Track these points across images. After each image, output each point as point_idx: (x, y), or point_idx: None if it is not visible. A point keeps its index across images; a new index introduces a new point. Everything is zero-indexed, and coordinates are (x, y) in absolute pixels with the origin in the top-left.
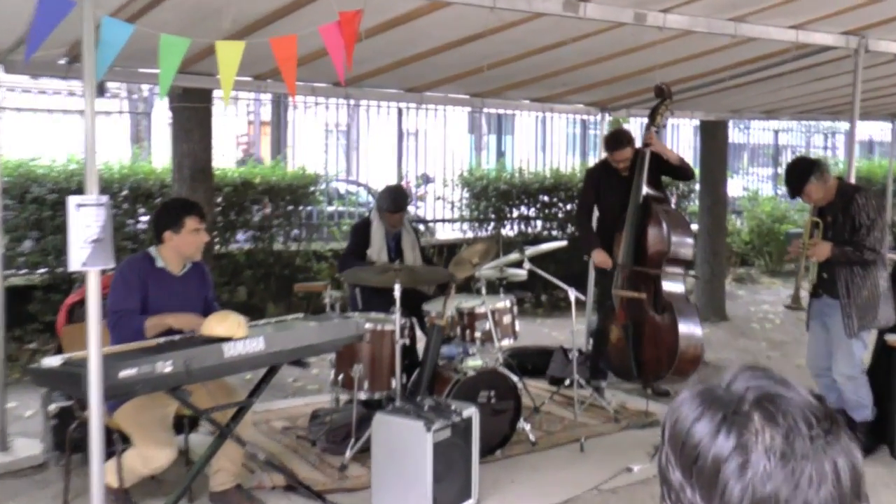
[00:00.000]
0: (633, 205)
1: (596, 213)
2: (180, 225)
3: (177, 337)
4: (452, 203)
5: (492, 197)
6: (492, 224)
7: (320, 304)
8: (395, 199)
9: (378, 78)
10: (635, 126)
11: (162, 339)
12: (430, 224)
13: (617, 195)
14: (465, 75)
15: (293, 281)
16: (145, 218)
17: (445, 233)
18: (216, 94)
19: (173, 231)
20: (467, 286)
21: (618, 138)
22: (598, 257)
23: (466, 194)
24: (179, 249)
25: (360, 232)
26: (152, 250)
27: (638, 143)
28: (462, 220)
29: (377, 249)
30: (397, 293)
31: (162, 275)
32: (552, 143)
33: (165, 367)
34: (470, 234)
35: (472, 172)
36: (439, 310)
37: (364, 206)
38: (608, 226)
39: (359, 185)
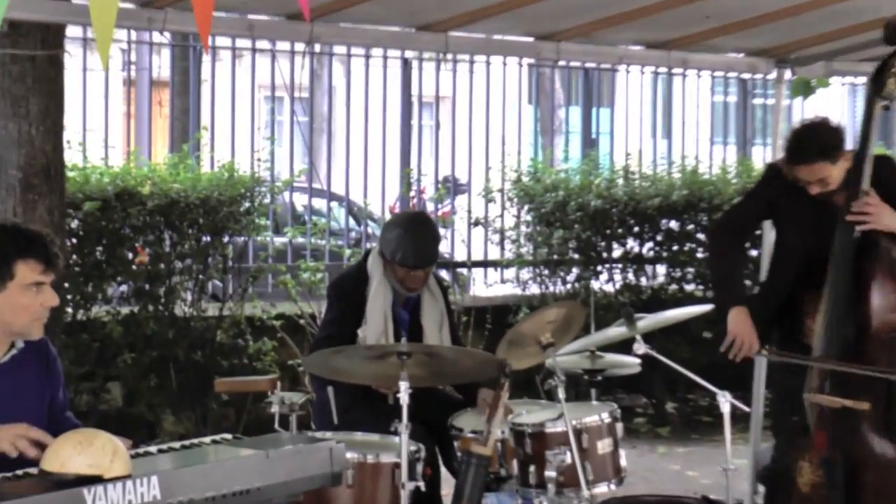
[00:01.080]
0: (841, 240)
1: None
2: (6, 275)
3: None
4: (502, 232)
5: (575, 221)
6: (574, 271)
7: (262, 417)
8: (417, 246)
9: (367, 6)
10: (839, 95)
11: None
12: (461, 270)
13: (809, 225)
14: (524, 1)
15: (212, 374)
16: None
17: (489, 286)
18: (71, 33)
19: None
20: (529, 384)
21: (801, 144)
22: (736, 323)
23: (528, 216)
24: (1, 318)
25: (348, 296)
26: None
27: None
28: (521, 263)
29: (376, 330)
30: (404, 396)
31: None
32: (684, 123)
33: None
34: (535, 290)
35: (539, 175)
36: (481, 428)
37: (340, 235)
38: (787, 278)
39: (332, 197)
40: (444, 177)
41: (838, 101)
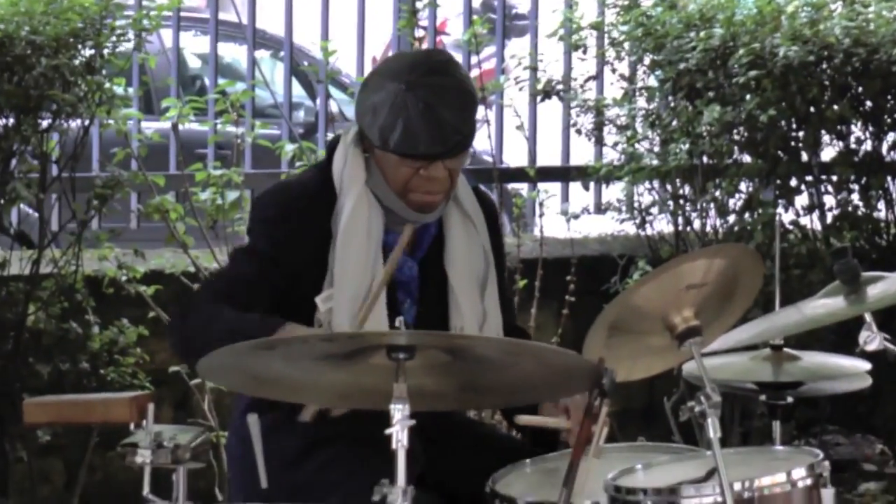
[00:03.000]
0: None
1: None
2: None
3: None
4: (599, 111)
5: (744, 87)
6: (742, 187)
7: (119, 474)
8: (433, 113)
9: None
10: None
11: None
12: (516, 186)
13: None
14: None
15: (18, 389)
16: None
17: (573, 217)
18: None
19: None
20: (652, 410)
21: None
22: None
23: (650, 78)
24: None
25: (294, 220)
26: None
27: None
28: (635, 172)
29: (352, 296)
30: (400, 433)
31: None
32: None
33: None
34: (663, 226)
35: None
36: (552, 499)
37: (274, 117)
38: None
39: (260, 42)
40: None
41: None
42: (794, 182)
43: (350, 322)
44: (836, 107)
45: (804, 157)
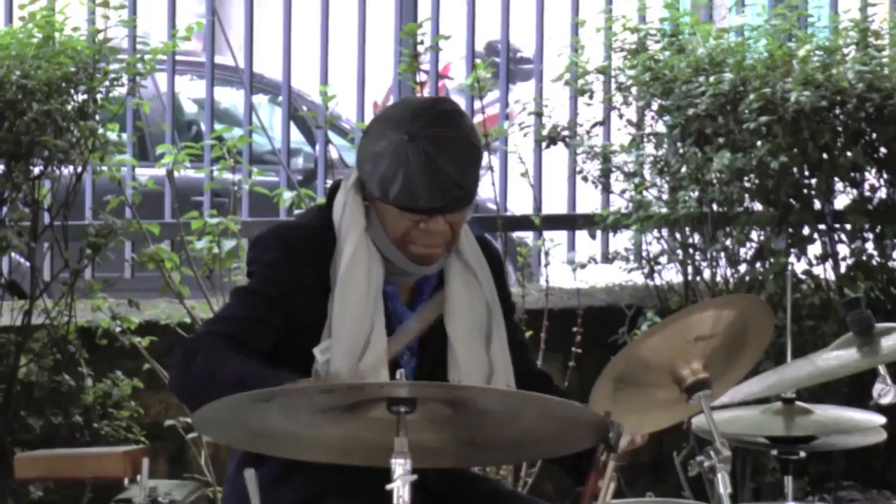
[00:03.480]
0: None
1: None
2: None
3: None
4: (606, 158)
5: (755, 134)
6: (753, 235)
7: None
8: (435, 166)
9: None
10: None
11: None
12: (521, 235)
13: None
14: None
15: (9, 443)
16: None
17: (579, 267)
18: None
19: None
20: (661, 465)
21: None
22: None
23: (659, 123)
24: None
25: (295, 260)
26: None
27: None
28: (643, 220)
29: (351, 347)
30: (402, 489)
31: None
32: None
33: None
34: (672, 276)
35: (682, 42)
36: None
37: (272, 163)
38: None
39: (257, 87)
40: (487, 43)
41: None
42: (806, 231)
43: (348, 374)
44: (849, 153)
45: (817, 204)
